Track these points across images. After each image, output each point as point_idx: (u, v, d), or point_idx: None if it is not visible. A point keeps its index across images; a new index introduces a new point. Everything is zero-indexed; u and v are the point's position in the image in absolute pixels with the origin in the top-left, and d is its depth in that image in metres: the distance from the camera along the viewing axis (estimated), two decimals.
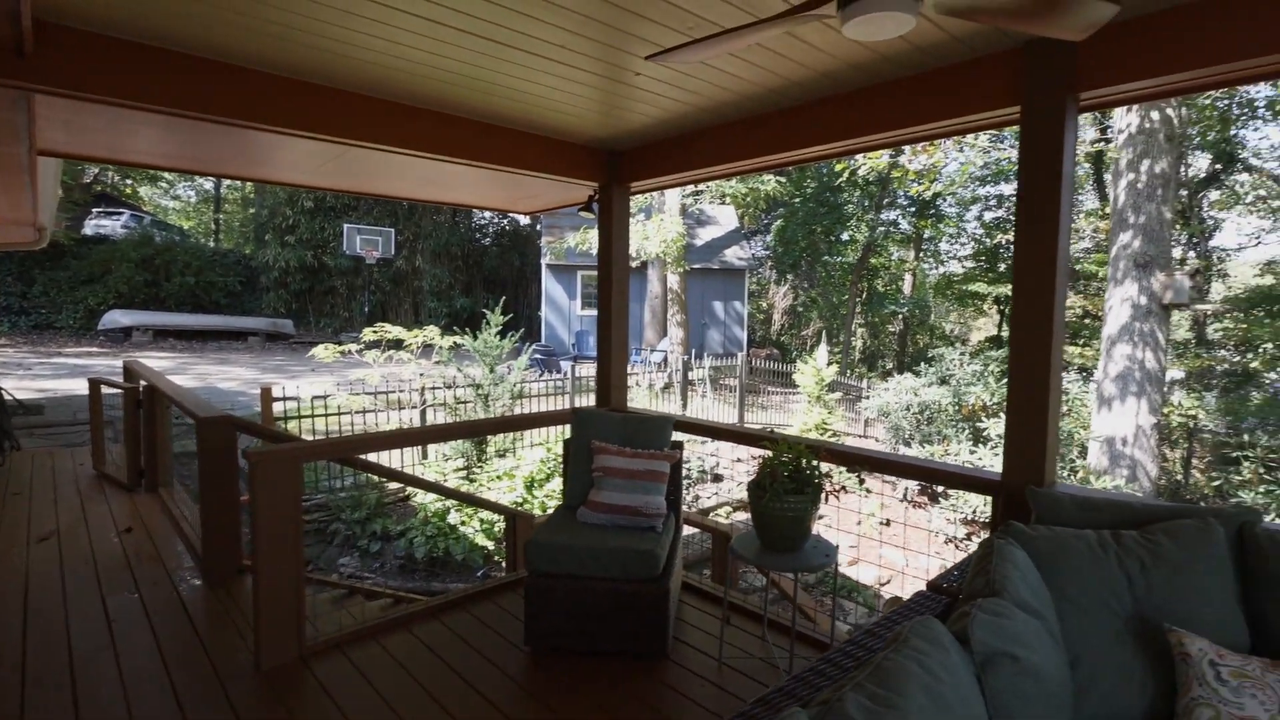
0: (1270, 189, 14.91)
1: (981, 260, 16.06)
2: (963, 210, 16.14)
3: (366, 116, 2.94)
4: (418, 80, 2.78)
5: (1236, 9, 1.94)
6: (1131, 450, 6.53)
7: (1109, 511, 2.07)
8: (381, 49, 2.46)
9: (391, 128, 3.02)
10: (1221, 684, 1.60)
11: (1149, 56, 2.14)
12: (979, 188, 15.32)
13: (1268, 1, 1.89)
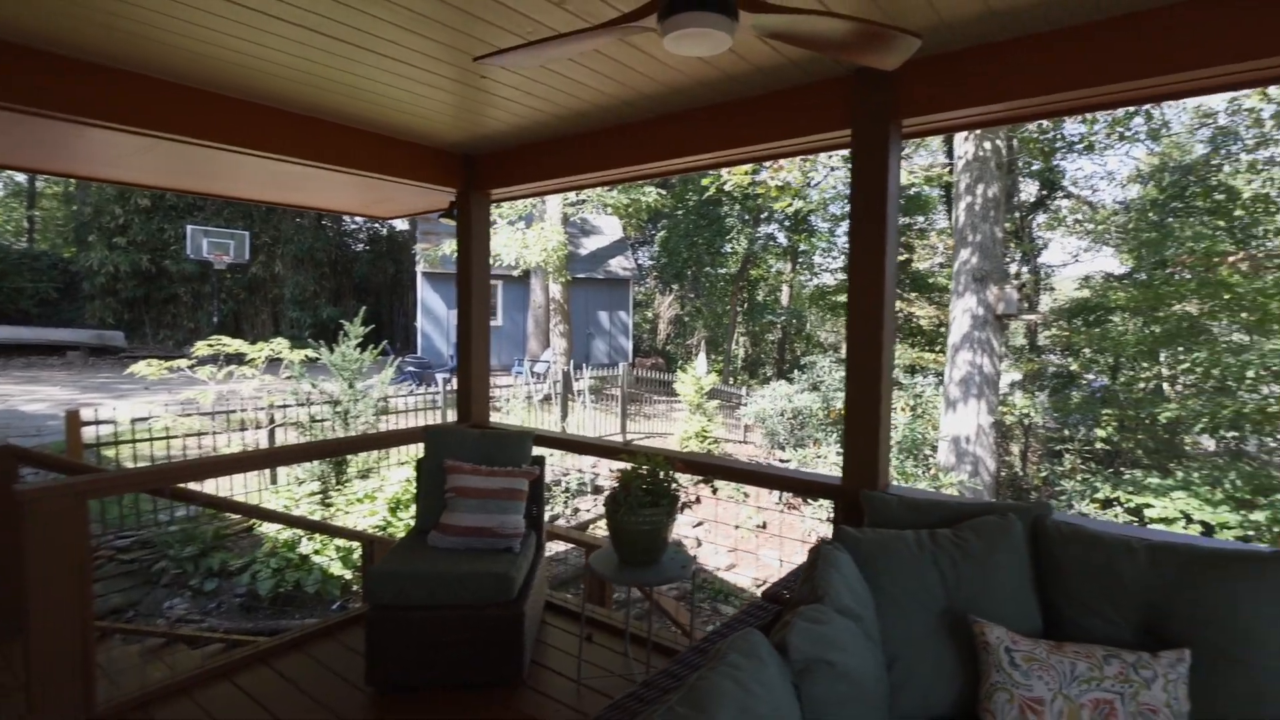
0: (1085, 213, 17.02)
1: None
2: (834, 225, 17.21)
3: (212, 114, 2.69)
4: (267, 79, 2.57)
5: (1034, 49, 2.14)
6: (974, 448, 7.16)
7: (930, 511, 2.21)
8: (221, 43, 2.26)
9: (240, 127, 2.78)
10: (1015, 668, 1.72)
11: (961, 89, 2.31)
12: (846, 205, 16.42)
13: (1062, 42, 2.10)
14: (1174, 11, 1.91)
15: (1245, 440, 11.51)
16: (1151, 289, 10.21)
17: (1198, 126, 14.32)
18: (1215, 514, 6.98)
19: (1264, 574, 1.66)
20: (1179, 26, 1.90)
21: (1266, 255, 10.27)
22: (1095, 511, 7.52)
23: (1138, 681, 1.65)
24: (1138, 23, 1.97)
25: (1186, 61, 1.91)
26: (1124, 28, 2.00)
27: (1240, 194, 10.81)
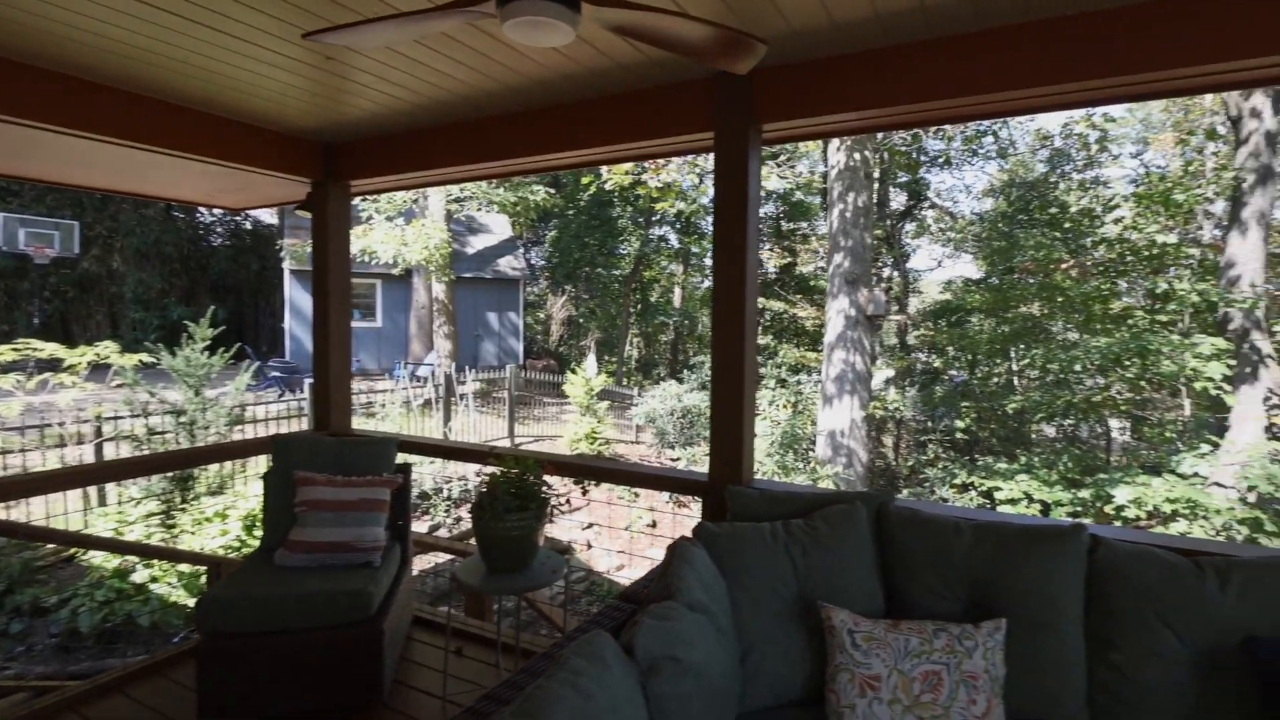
0: (947, 222, 18.54)
1: None
2: None
3: (19, 87, 2.36)
4: (80, 49, 2.28)
5: (886, 61, 2.25)
6: (848, 441, 7.59)
7: (787, 503, 2.28)
8: (24, 5, 1.97)
9: (51, 103, 2.46)
10: (856, 649, 1.81)
11: (819, 96, 2.40)
12: None
13: (912, 56, 2.22)
14: (1013, 31, 2.07)
15: (1078, 427, 12.95)
16: (1001, 292, 11.25)
17: (1038, 147, 15.93)
18: (1051, 493, 7.77)
19: (1065, 546, 1.84)
20: (1018, 46, 2.06)
21: (1093, 263, 11.56)
22: (954, 495, 8.18)
23: (961, 651, 1.77)
24: (981, 40, 2.11)
25: (1024, 80, 2.07)
26: (968, 44, 2.13)
27: (1070, 208, 12.11)
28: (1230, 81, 2.05)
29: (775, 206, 16.65)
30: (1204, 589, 1.69)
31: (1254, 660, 1.61)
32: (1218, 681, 1.66)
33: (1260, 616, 1.65)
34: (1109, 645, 1.77)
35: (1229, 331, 7.95)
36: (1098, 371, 8.59)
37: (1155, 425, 11.11)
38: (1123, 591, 1.76)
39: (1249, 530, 6.46)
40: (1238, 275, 7.97)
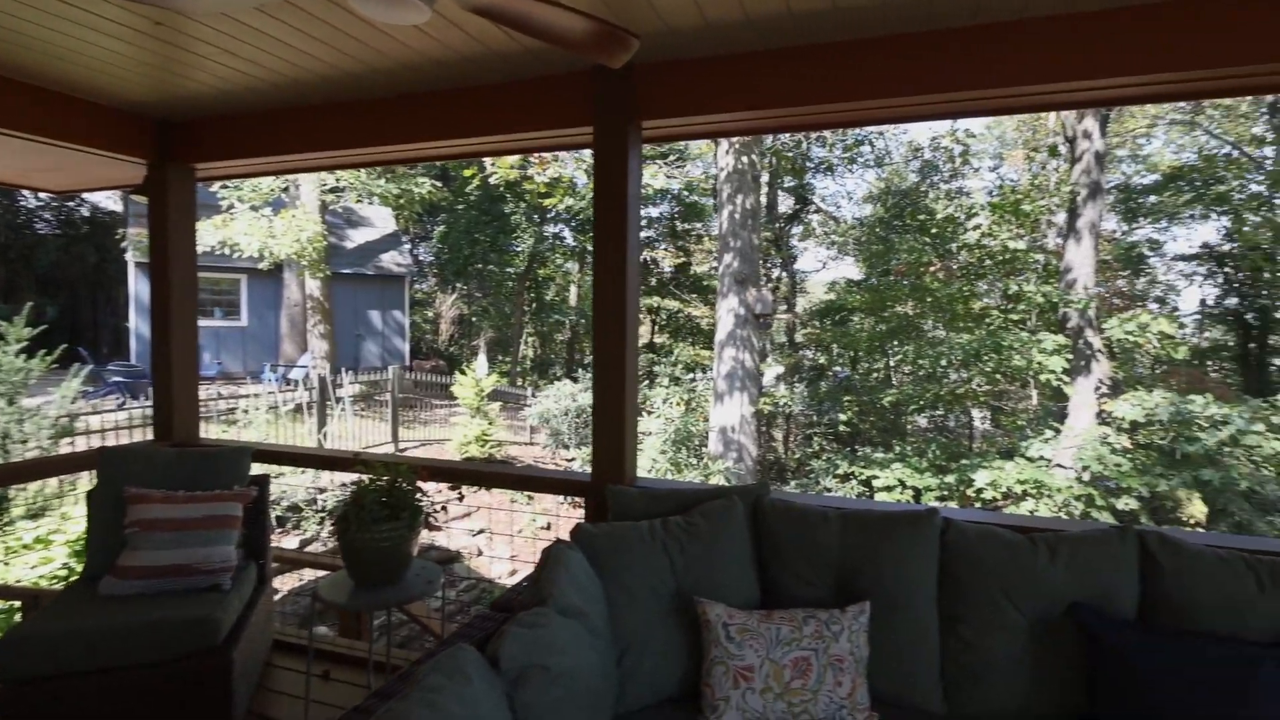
0: (831, 226, 19.58)
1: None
2: None
3: None
4: None
5: (762, 64, 2.28)
6: (739, 436, 7.82)
7: (669, 500, 2.28)
8: None
9: None
10: (730, 641, 1.82)
11: (699, 96, 2.40)
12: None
13: (783, 61, 2.26)
14: (877, 43, 2.15)
15: (946, 418, 14.07)
16: (878, 293, 12.00)
17: (911, 158, 17.15)
18: (922, 479, 8.38)
19: (920, 530, 1.94)
20: (881, 57, 2.15)
21: (957, 267, 12.57)
22: (837, 485, 8.63)
23: (829, 636, 1.83)
24: (848, 50, 2.18)
25: (886, 89, 2.16)
26: (835, 53, 2.20)
27: (936, 215, 13.13)
28: (1065, 101, 2.24)
29: (670, 207, 16.93)
30: (1037, 563, 1.83)
31: (1077, 623, 1.76)
32: (1050, 644, 1.81)
33: (1082, 584, 1.81)
34: (959, 620, 1.89)
35: (1067, 329, 8.89)
36: (961, 366, 9.36)
37: (1009, 414, 12.24)
38: (970, 570, 1.88)
39: (1084, 505, 7.25)
40: (1074, 279, 8.92)
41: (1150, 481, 6.99)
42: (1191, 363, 14.68)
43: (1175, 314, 16.04)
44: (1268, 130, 14.55)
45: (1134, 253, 16.22)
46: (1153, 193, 15.74)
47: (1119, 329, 8.25)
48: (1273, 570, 1.74)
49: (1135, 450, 7.67)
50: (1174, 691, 1.57)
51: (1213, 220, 15.45)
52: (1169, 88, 2.09)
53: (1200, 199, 14.70)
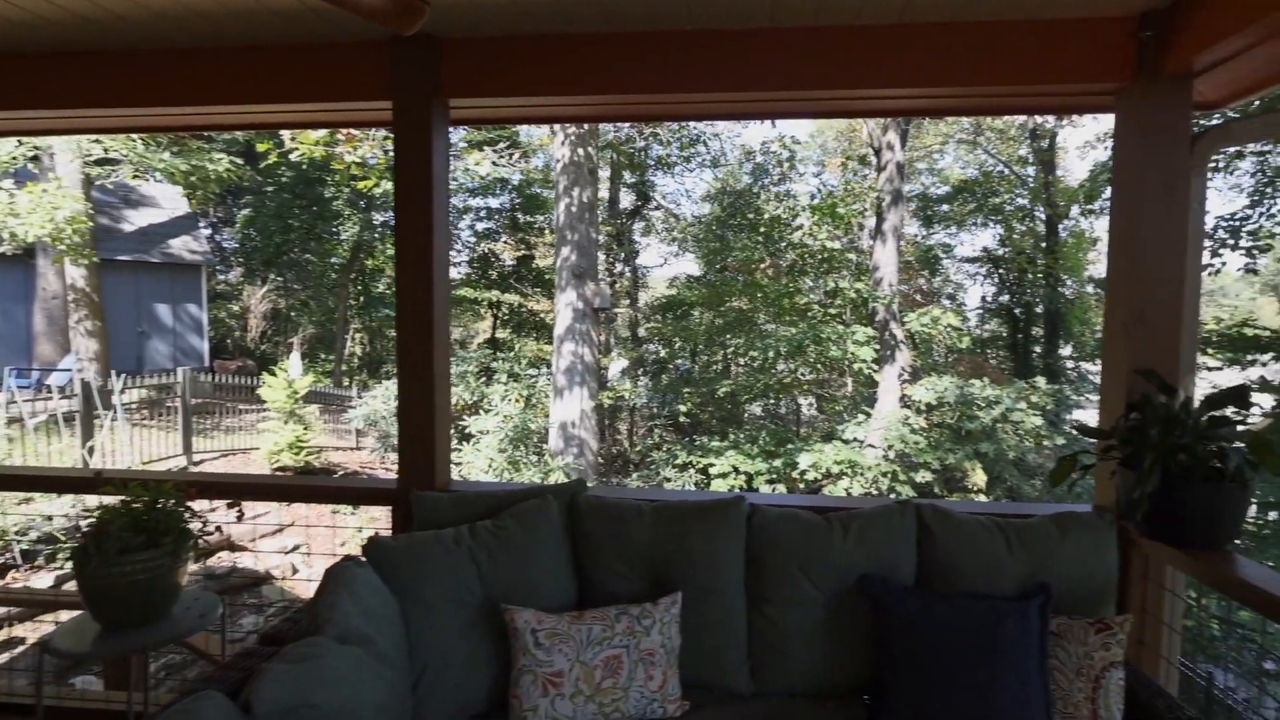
0: (672, 223, 20.22)
1: (475, 267, 17.31)
2: (456, 218, 17.07)
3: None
4: None
5: (570, 46, 2.20)
6: (579, 431, 7.81)
7: (480, 504, 2.15)
8: None
9: None
10: (539, 648, 1.75)
11: (506, 77, 2.28)
12: (469, 198, 16.49)
13: (587, 45, 2.19)
14: (681, 36, 2.15)
15: (777, 406, 15.09)
16: (715, 289, 12.57)
17: (744, 161, 18.13)
18: (753, 465, 8.89)
19: (727, 517, 1.99)
20: (686, 50, 2.15)
21: (785, 265, 13.48)
22: (676, 475, 8.91)
23: (640, 631, 1.81)
24: (655, 41, 2.17)
25: (704, 84, 2.18)
26: (643, 43, 2.18)
27: (766, 215, 14.00)
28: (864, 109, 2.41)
29: (511, 198, 16.52)
30: (832, 540, 1.94)
31: (866, 593, 1.89)
32: (845, 615, 1.92)
33: (871, 557, 1.94)
34: (765, 601, 1.96)
35: (875, 322, 9.86)
36: (788, 357, 10.06)
37: (831, 401, 13.38)
38: (773, 552, 1.96)
39: (889, 480, 8.08)
40: (881, 277, 9.92)
41: (941, 456, 7.95)
42: (975, 351, 16.95)
43: (961, 309, 18.40)
44: (1029, 152, 17.13)
45: (930, 255, 18.38)
46: (945, 202, 17.92)
47: (916, 322, 9.29)
48: (1019, 531, 1.97)
49: (930, 429, 8.69)
50: (941, 646, 1.73)
51: (990, 228, 17.92)
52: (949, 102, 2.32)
53: (981, 209, 17.00)
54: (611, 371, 17.86)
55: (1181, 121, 2.12)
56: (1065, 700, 1.70)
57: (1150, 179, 2.14)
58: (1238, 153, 8.91)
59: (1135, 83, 2.12)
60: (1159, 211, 2.13)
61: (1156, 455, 1.95)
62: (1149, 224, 2.14)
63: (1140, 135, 2.13)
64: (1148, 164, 2.13)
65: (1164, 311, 2.14)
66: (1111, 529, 1.98)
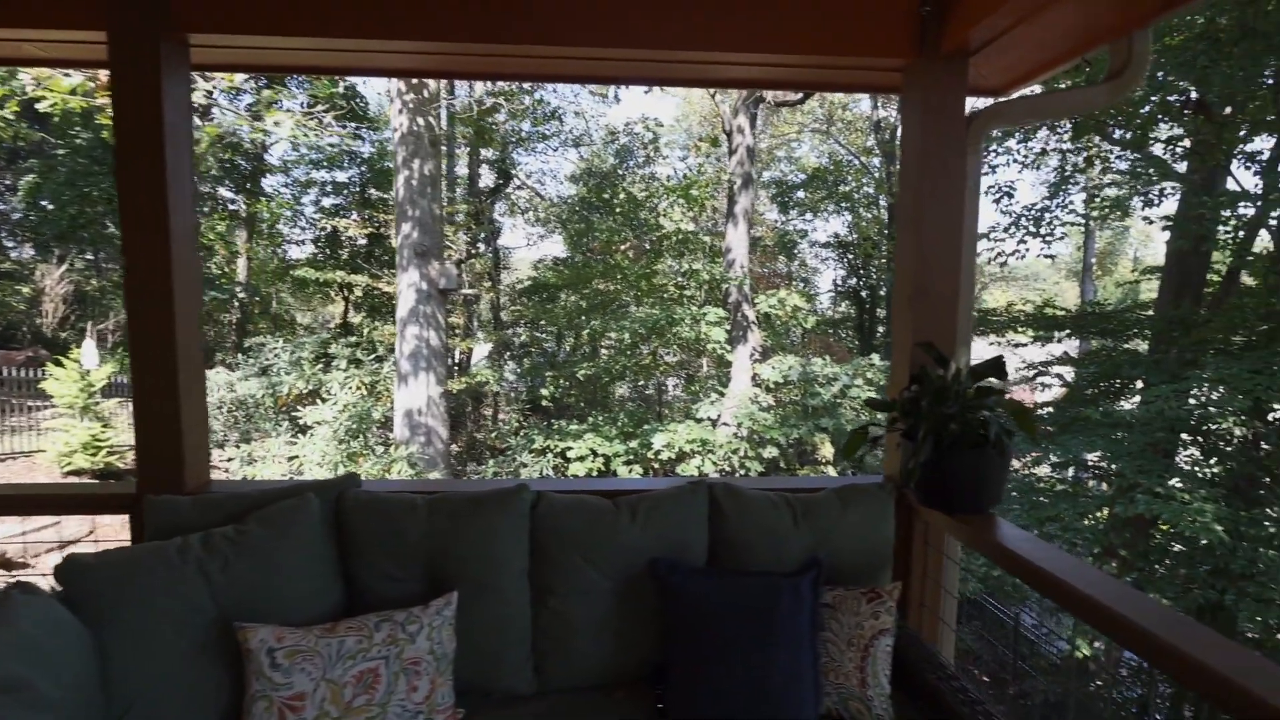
0: (537, 203, 19.75)
1: (323, 246, 15.97)
2: (299, 193, 15.64)
3: None
4: None
5: None
6: (426, 419, 7.39)
7: (230, 506, 1.86)
8: None
9: None
10: (276, 669, 1.51)
11: (273, 7, 1.95)
12: (312, 171, 15.13)
13: None
14: None
15: (646, 387, 15.26)
16: (579, 270, 12.39)
17: (609, 141, 18.00)
18: (611, 447, 8.88)
19: (508, 506, 1.84)
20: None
21: (647, 247, 13.55)
22: (532, 460, 8.71)
23: (404, 639, 1.63)
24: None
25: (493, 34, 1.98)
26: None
27: (630, 198, 14.01)
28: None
29: (360, 172, 15.34)
30: (619, 525, 1.85)
31: (654, 576, 1.82)
32: (633, 602, 1.84)
33: (662, 540, 1.87)
34: (550, 592, 1.83)
35: (728, 304, 10.14)
36: (648, 338, 10.13)
37: (692, 381, 13.70)
38: (557, 540, 1.83)
39: (739, 457, 8.36)
40: (733, 259, 10.19)
41: (787, 432, 8.33)
42: (825, 331, 18.04)
43: (812, 292, 19.51)
44: (875, 143, 18.37)
45: (787, 239, 19.29)
46: (800, 189, 18.83)
47: (765, 303, 9.65)
48: (806, 506, 1.98)
49: (778, 406, 9.09)
50: (722, 625, 1.69)
51: (841, 215, 19.09)
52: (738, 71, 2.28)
53: (832, 196, 18.03)
54: (475, 356, 17.24)
55: (959, 100, 2.20)
56: (837, 671, 1.72)
57: (931, 158, 2.21)
58: (1042, 150, 10.01)
59: (918, 60, 2.18)
60: (938, 189, 2.22)
61: (929, 425, 2.03)
62: (929, 201, 2.22)
63: (922, 113, 2.19)
64: (929, 143, 2.20)
65: (942, 286, 2.24)
66: (890, 499, 2.04)
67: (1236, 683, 1.05)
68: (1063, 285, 27.10)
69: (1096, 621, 1.39)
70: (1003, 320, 8.93)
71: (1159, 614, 1.30)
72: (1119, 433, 6.41)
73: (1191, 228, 6.93)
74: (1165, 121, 8.00)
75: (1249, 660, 1.10)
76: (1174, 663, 1.18)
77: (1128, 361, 7.31)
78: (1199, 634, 1.21)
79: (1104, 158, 9.36)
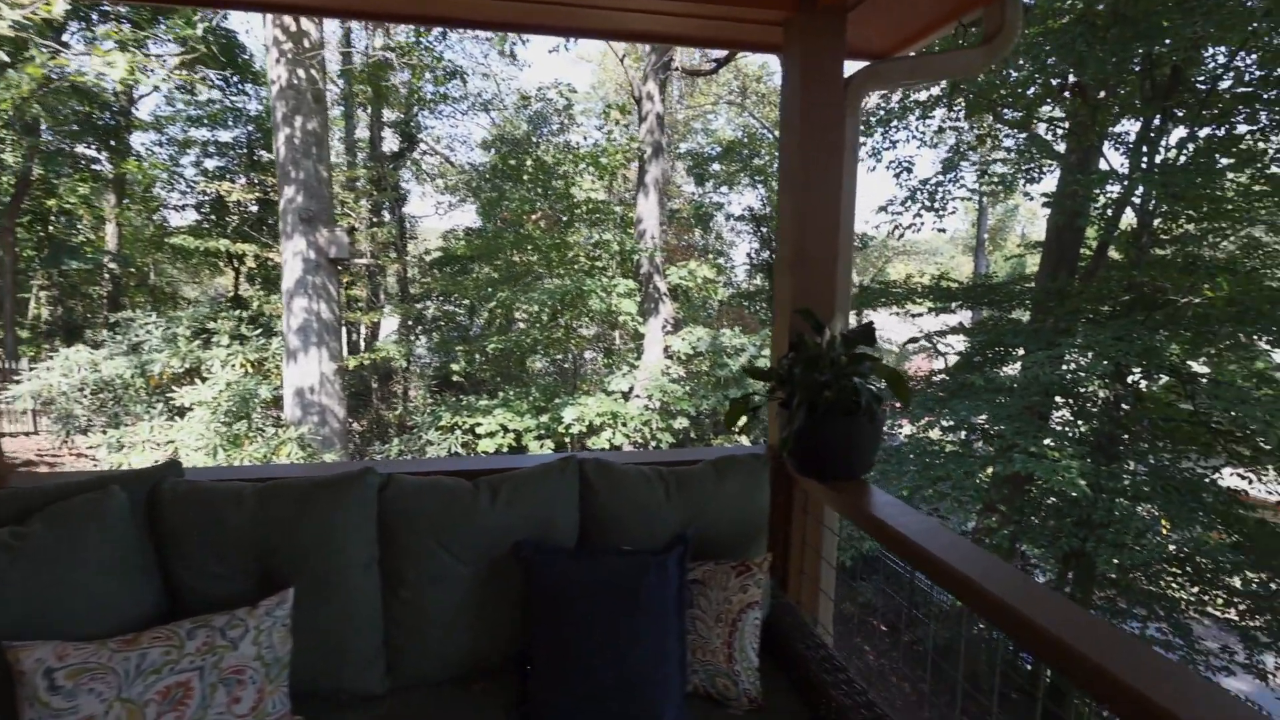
0: (448, 170, 18.89)
1: (207, 213, 14.68)
2: (177, 153, 14.23)
3: None
4: None
5: None
6: (320, 398, 6.94)
7: (24, 500, 1.60)
8: None
9: None
10: (56, 693, 1.30)
11: None
12: (190, 129, 13.75)
13: None
14: None
15: (565, 360, 15.03)
16: (490, 240, 11.94)
17: (522, 106, 17.36)
18: (522, 422, 8.68)
19: (351, 493, 1.66)
20: None
21: (558, 217, 13.20)
22: (439, 437, 8.40)
23: (223, 646, 1.44)
24: None
25: None
26: None
27: (542, 165, 13.58)
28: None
29: (247, 131, 14.11)
30: (478, 507, 1.72)
31: (519, 559, 1.70)
32: (497, 587, 1.73)
33: (528, 521, 1.75)
34: (401, 582, 1.69)
35: (640, 275, 10.06)
36: (559, 310, 9.90)
37: (607, 354, 13.59)
38: (408, 525, 1.69)
39: (650, 430, 8.37)
40: (645, 229, 10.08)
41: (696, 403, 8.39)
42: (740, 303, 18.32)
43: (728, 264, 19.73)
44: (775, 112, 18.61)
45: (703, 212, 19.36)
46: (715, 161, 18.87)
47: (675, 275, 9.61)
48: (679, 479, 1.91)
49: (688, 378, 9.13)
50: (588, 606, 1.60)
51: (755, 188, 19.30)
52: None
53: (746, 169, 18.17)
54: (384, 330, 16.46)
55: (837, 59, 2.15)
56: (704, 648, 1.67)
57: (810, 118, 2.15)
58: (940, 128, 10.39)
59: (798, 15, 2.10)
60: (817, 152, 2.16)
61: (803, 393, 2.00)
62: (808, 163, 2.16)
63: (801, 71, 2.12)
64: (808, 101, 2.14)
65: (821, 250, 2.20)
66: (765, 469, 2.00)
67: (1067, 642, 1.06)
68: (959, 260, 28.71)
69: (944, 581, 1.39)
70: (902, 292, 9.28)
71: (1005, 578, 1.31)
72: (1001, 397, 6.80)
73: (1068, 205, 7.37)
74: (1049, 103, 8.45)
75: (1071, 614, 1.11)
76: (1010, 621, 1.19)
77: (1010, 330, 7.75)
78: (1035, 592, 1.22)
79: (994, 136, 9.82)
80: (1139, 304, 6.64)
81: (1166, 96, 6.66)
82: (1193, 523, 5.53)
